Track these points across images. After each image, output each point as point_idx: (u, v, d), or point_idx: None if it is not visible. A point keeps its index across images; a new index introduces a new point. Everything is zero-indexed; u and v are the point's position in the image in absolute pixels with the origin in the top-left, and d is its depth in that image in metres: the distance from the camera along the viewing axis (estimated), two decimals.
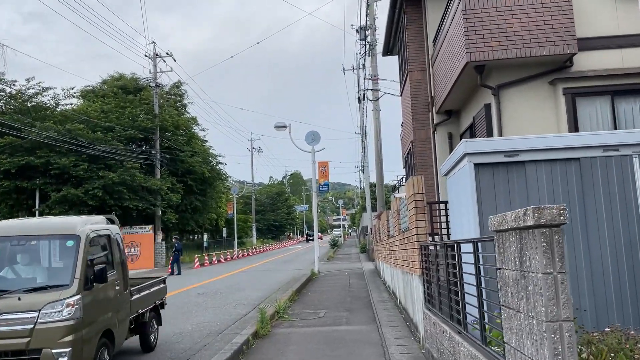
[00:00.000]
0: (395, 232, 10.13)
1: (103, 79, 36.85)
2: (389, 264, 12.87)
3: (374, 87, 22.63)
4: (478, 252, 3.86)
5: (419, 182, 7.04)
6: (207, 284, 18.55)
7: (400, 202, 9.38)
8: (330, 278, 18.53)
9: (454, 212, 6.47)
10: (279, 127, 20.91)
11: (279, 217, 79.69)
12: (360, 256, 33.82)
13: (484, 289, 3.84)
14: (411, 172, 14.42)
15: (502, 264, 3.05)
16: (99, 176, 28.68)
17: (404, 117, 14.95)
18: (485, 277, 3.84)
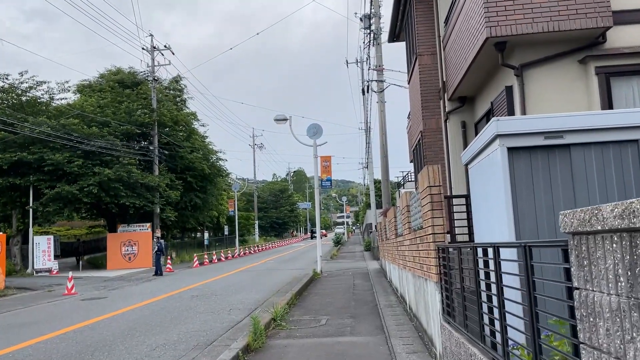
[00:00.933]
0: (405, 230, 9.12)
1: (100, 74, 35.88)
2: (397, 265, 11.87)
3: (379, 78, 21.59)
4: (530, 261, 2.84)
5: (435, 173, 6.03)
6: (203, 285, 17.58)
7: (410, 196, 8.36)
8: (333, 278, 17.54)
9: (478, 208, 5.46)
10: (279, 120, 19.90)
11: (282, 214, 78.79)
12: (365, 254, 32.83)
13: (538, 312, 2.82)
14: (420, 166, 13.40)
15: (585, 282, 2.04)
16: (94, 172, 27.76)
17: (412, 106, 13.92)
18: (540, 295, 2.83)
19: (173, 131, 35.39)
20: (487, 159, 4.85)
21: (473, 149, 5.35)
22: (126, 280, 21.81)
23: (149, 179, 30.11)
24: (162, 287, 17.69)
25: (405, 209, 8.82)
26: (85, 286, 19.75)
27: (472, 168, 5.53)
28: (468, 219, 6.14)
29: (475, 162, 5.35)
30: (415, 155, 13.79)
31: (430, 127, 11.70)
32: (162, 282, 19.60)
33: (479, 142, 5.05)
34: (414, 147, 13.65)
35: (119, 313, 11.69)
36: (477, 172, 5.32)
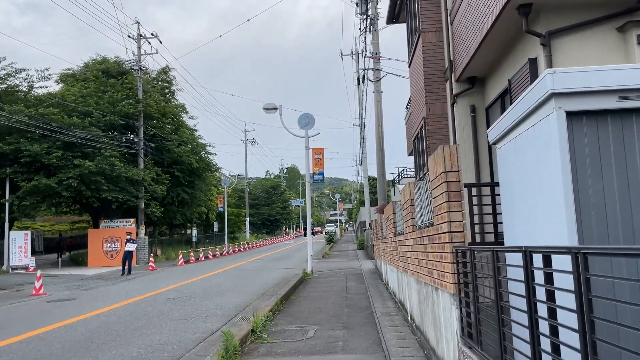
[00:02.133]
0: (407, 228, 7.83)
1: (85, 63, 34.34)
2: (395, 267, 10.59)
3: (376, 66, 20.28)
4: None
5: (452, 155, 4.75)
6: (183, 285, 16.24)
7: (415, 188, 7.07)
8: (324, 280, 16.25)
9: (511, 200, 4.17)
10: (269, 109, 18.58)
11: (274, 211, 77.41)
12: (358, 253, 31.57)
13: None
14: (421, 158, 12.11)
15: None
16: (75, 165, 26.29)
17: (413, 91, 12.63)
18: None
19: (160, 123, 33.98)
20: (532, 130, 3.56)
21: (507, 121, 4.05)
22: (104, 279, 20.43)
23: (133, 173, 28.69)
24: (140, 287, 16.34)
25: (408, 204, 7.53)
26: (58, 285, 18.38)
27: (505, 147, 4.23)
28: (494, 214, 4.86)
29: (510, 138, 4.05)
30: (416, 145, 12.50)
31: (435, 112, 10.41)
32: (141, 282, 18.24)
33: (518, 109, 3.76)
34: (415, 136, 12.35)
35: (81, 319, 10.34)
36: (513, 152, 4.02)
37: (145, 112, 31.66)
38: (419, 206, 6.84)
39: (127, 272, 22.49)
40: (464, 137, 9.55)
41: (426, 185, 6.12)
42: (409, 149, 17.65)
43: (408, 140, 17.80)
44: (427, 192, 6.06)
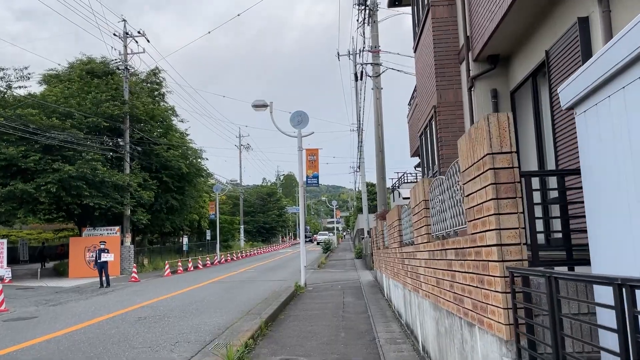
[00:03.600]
0: (419, 237, 6.21)
1: (70, 63, 32.69)
2: (401, 283, 8.96)
3: (375, 61, 18.73)
4: None
5: (502, 128, 3.15)
6: (162, 301, 14.56)
7: (431, 185, 5.46)
8: (319, 294, 14.59)
9: (602, 194, 2.55)
10: (258, 107, 16.99)
11: (270, 218, 75.66)
12: (356, 263, 29.90)
13: None
14: (429, 155, 10.51)
15: None
16: (54, 169, 24.62)
17: (419, 79, 11.05)
18: None
19: (148, 126, 32.37)
20: None
21: (600, 68, 2.45)
22: (79, 292, 18.75)
23: (117, 178, 27.00)
24: (113, 303, 14.66)
25: (421, 206, 5.92)
26: (27, 300, 16.68)
27: (594, 109, 2.62)
28: (565, 219, 3.25)
29: (604, 96, 2.45)
30: (423, 141, 10.90)
31: (447, 99, 8.84)
32: (117, 296, 16.54)
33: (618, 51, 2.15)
34: (422, 131, 10.76)
35: (27, 345, 8.67)
36: (611, 117, 2.41)
37: (131, 113, 30.04)
38: (437, 209, 5.22)
39: (105, 284, 20.82)
40: None
41: (450, 180, 4.52)
42: (412, 149, 16.07)
43: (411, 139, 16.22)
44: (452, 188, 4.45)
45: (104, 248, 22.03)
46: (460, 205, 4.15)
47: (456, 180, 4.27)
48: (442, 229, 5.08)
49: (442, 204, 5.01)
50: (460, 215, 4.18)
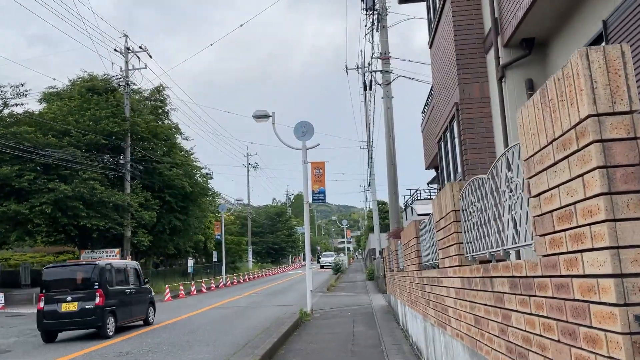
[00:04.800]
0: (448, 260, 4.82)
1: (71, 81, 31.85)
2: (420, 313, 7.53)
3: (385, 68, 17.49)
4: None
5: (615, 71, 1.79)
6: (150, 331, 13.17)
7: (468, 189, 4.10)
8: (326, 322, 13.13)
9: None
10: (260, 117, 15.76)
11: (279, 239, 74.18)
12: (368, 285, 28.32)
13: None
14: (450, 163, 9.14)
15: None
16: (49, 189, 23.54)
17: (437, 76, 9.75)
18: None
19: (151, 144, 31.32)
20: None
21: None
22: None
23: (117, 197, 25.85)
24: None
25: (449, 219, 4.54)
26: (12, 329, 15.42)
27: None
28: None
29: None
30: (441, 148, 9.54)
31: (472, 95, 7.52)
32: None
33: None
34: (440, 136, 9.40)
35: None
36: None
37: (132, 131, 29.07)
38: (474, 221, 3.86)
39: None
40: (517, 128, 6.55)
41: (494, 180, 3.16)
42: (427, 160, 14.71)
43: (426, 150, 14.88)
44: (498, 191, 3.09)
45: None
46: (518, 213, 2.79)
47: (509, 178, 2.91)
48: (482, 248, 3.71)
49: (481, 214, 3.64)
50: (518, 227, 2.81)
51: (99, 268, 12.96)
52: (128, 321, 13.87)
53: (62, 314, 12.40)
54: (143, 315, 14.65)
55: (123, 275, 14.26)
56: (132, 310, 14.07)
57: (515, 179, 2.79)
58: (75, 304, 12.41)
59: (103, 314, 12.36)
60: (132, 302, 14.10)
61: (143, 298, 14.95)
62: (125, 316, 13.53)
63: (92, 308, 12.32)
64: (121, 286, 13.79)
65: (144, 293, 15.08)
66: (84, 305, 12.36)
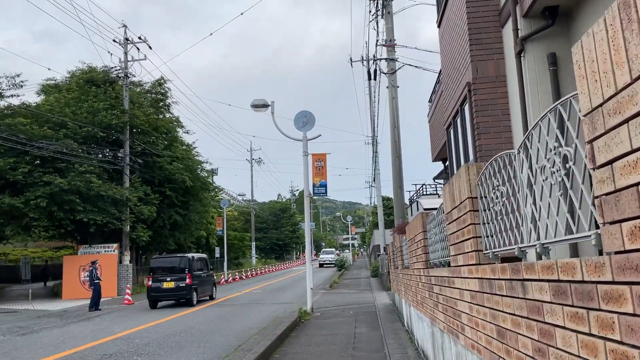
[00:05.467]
0: (462, 257, 4.08)
1: (71, 72, 31.15)
2: (428, 317, 6.79)
3: (390, 56, 16.69)
4: None
5: None
6: (139, 331, 12.48)
7: (489, 171, 3.35)
8: (326, 323, 12.41)
9: None
10: (258, 107, 15.02)
11: (283, 235, 73.50)
12: (372, 282, 27.60)
13: None
14: (459, 151, 8.38)
15: None
16: (45, 182, 22.90)
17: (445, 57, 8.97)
18: None
19: (152, 138, 30.63)
20: None
21: None
22: (62, 318, 16.80)
23: (114, 191, 25.18)
24: (87, 333, 12.65)
25: (463, 208, 3.80)
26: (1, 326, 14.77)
27: None
28: None
29: None
30: (451, 136, 8.77)
31: (486, 74, 6.75)
32: (97, 324, 14.54)
33: None
34: (449, 122, 8.63)
35: None
36: None
37: (131, 123, 28.36)
38: (496, 210, 3.11)
39: (94, 307, 18.88)
40: (540, 105, 5.84)
41: (525, 157, 2.41)
42: (434, 152, 13.94)
43: (433, 141, 14.11)
44: (532, 168, 2.34)
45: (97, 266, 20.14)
46: (563, 195, 2.04)
47: (553, 147, 2.15)
48: (507, 243, 2.96)
49: (507, 199, 2.89)
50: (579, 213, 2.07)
51: (188, 259, 19.29)
52: (202, 296, 19.70)
53: (164, 289, 18.41)
54: (210, 292, 20.75)
55: (200, 264, 20.34)
56: (205, 288, 20.06)
57: (564, 148, 2.04)
58: (172, 282, 18.35)
59: (191, 289, 18.41)
60: (205, 283, 20.22)
61: (210, 280, 21.19)
62: (201, 292, 19.50)
63: (184, 285, 18.30)
64: (199, 272, 19.73)
65: (210, 277, 21.32)
66: (179, 284, 18.30)
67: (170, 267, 18.96)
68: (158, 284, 18.41)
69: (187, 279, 18.24)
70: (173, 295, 18.43)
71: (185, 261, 18.97)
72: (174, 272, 18.60)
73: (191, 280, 18.29)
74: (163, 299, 18.61)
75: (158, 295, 18.38)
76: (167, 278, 18.41)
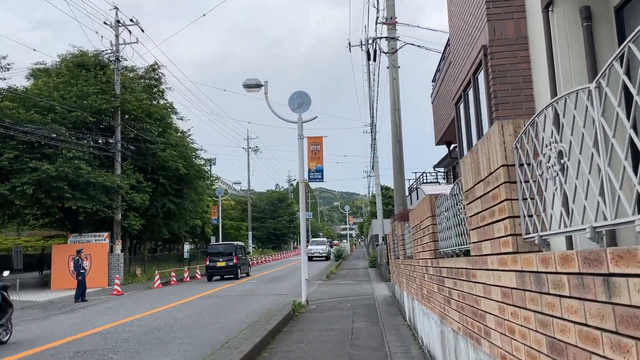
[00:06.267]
0: (491, 244, 3.23)
1: (61, 56, 30.08)
2: (435, 313, 5.98)
3: (391, 34, 15.75)
4: None
5: None
6: (122, 324, 11.66)
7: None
8: (322, 316, 11.61)
9: None
10: (251, 87, 14.13)
11: (280, 224, 72.70)
12: (370, 272, 26.83)
13: None
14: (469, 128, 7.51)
15: None
16: (31, 168, 22.01)
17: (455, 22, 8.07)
18: None
19: (145, 124, 29.67)
20: None
21: None
22: (46, 309, 16.03)
23: (105, 179, 24.29)
24: (67, 326, 11.85)
25: (494, 181, 2.95)
26: None
27: None
28: None
29: None
30: (460, 111, 7.88)
31: (505, 35, 5.87)
32: (80, 316, 13.75)
33: None
34: (459, 95, 7.74)
35: None
36: None
37: (123, 108, 27.37)
38: (555, 175, 2.25)
39: (80, 298, 18.10)
40: (571, 68, 4.97)
41: None
42: (437, 135, 13.08)
43: (436, 124, 13.25)
44: None
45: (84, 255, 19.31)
46: None
47: None
48: (566, 224, 2.11)
49: (565, 163, 2.04)
50: None
51: (234, 245, 26.94)
52: (242, 272, 26.60)
53: (218, 267, 25.62)
54: (247, 270, 28.35)
55: (241, 250, 28.04)
56: (244, 267, 27.44)
57: None
58: (224, 262, 25.51)
59: (236, 267, 25.69)
60: (245, 263, 27.85)
61: (246, 261, 28.93)
62: (242, 270, 26.75)
63: (232, 264, 25.46)
64: (241, 255, 27.20)
65: (246, 259, 29.27)
66: (228, 263, 25.47)
67: (222, 251, 26.13)
68: (214, 263, 25.54)
69: (234, 259, 25.39)
70: (224, 271, 25.60)
71: (232, 247, 26.43)
72: (224, 255, 25.70)
73: (237, 261, 25.46)
74: (217, 274, 25.91)
75: (213, 271, 25.69)
76: (220, 259, 25.43)
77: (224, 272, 25.56)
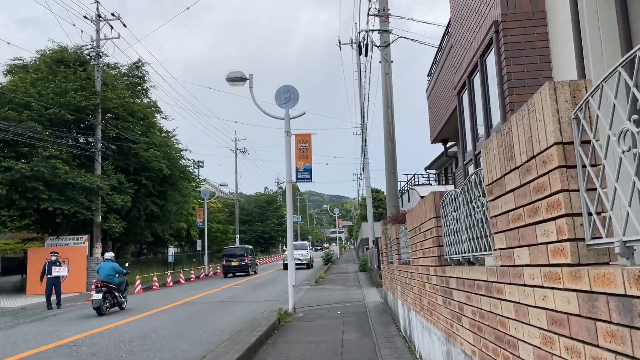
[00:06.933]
0: (538, 251, 2.43)
1: (40, 52, 28.98)
2: (440, 330, 5.20)
3: (383, 27, 15.02)
4: None
5: None
6: (92, 335, 10.75)
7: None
8: (310, 326, 10.79)
9: None
10: (235, 80, 13.32)
11: (269, 228, 71.70)
12: (360, 277, 26.04)
13: None
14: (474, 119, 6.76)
15: None
16: (5, 167, 21.00)
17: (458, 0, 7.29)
18: None
19: (127, 123, 28.69)
20: None
21: None
22: (16, 317, 15.05)
23: (84, 179, 23.29)
24: (32, 336, 10.92)
25: (545, 163, 2.17)
26: None
27: None
28: None
29: None
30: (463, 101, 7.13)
31: (519, 9, 5.12)
32: (50, 325, 12.81)
33: None
34: (463, 82, 6.97)
35: None
36: None
37: (104, 106, 26.38)
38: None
39: (56, 305, 17.11)
40: (602, 42, 4.22)
41: None
42: (433, 132, 12.34)
43: (432, 120, 12.51)
44: None
45: (56, 260, 18.30)
46: None
47: None
48: None
49: None
50: None
51: (245, 248, 33.17)
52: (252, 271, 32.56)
53: (232, 265, 31.39)
54: (255, 269, 33.66)
55: (251, 252, 33.71)
56: (253, 266, 33.36)
57: None
58: (237, 262, 31.24)
59: (248, 266, 31.58)
60: (254, 263, 33.84)
61: (255, 262, 34.98)
62: (252, 269, 32.53)
63: (244, 263, 31.24)
64: (251, 256, 32.75)
65: (255, 260, 35.22)
66: (241, 262, 31.20)
67: (235, 253, 31.96)
68: (229, 262, 31.39)
69: (245, 259, 31.16)
70: (238, 269, 31.29)
71: (244, 249, 32.67)
72: (237, 256, 31.55)
73: (248, 261, 31.35)
74: (232, 271, 31.57)
75: (229, 269, 31.42)
76: (234, 259, 31.30)
77: (238, 270, 31.15)
